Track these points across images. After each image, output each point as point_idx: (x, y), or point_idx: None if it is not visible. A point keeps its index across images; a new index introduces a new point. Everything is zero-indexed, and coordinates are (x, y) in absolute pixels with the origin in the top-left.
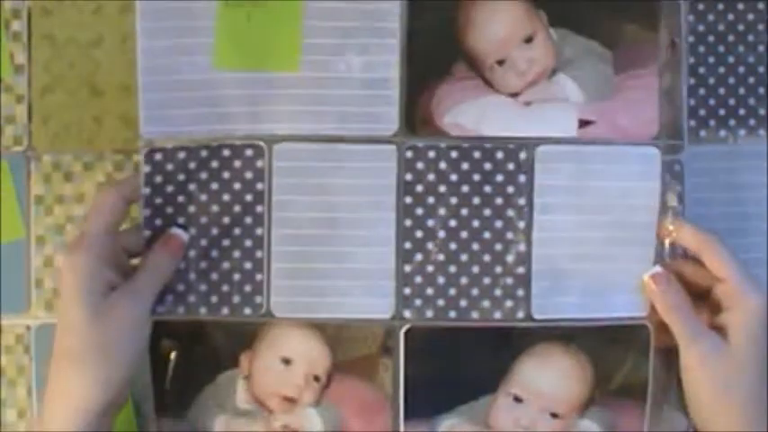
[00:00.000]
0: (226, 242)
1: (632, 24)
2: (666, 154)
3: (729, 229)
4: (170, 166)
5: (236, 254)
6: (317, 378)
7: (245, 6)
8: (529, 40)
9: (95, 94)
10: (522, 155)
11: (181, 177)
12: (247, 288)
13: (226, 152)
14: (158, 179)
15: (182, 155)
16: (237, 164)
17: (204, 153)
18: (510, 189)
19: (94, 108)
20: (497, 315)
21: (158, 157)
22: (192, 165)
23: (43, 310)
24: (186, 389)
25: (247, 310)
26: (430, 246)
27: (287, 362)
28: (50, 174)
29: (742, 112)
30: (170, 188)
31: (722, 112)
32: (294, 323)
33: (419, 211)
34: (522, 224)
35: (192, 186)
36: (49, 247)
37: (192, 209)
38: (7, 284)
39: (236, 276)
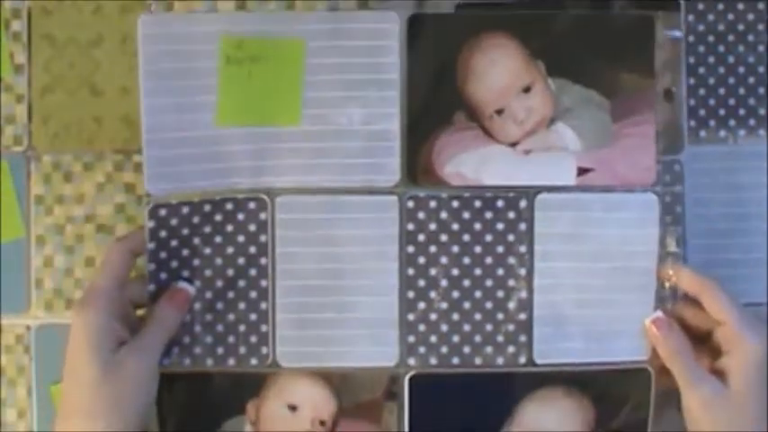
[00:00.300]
0: (231, 294)
1: (629, 73)
2: (666, 155)
3: (729, 229)
4: (174, 221)
5: (242, 306)
6: (322, 423)
7: (246, 65)
8: (527, 89)
9: (95, 94)
10: (522, 203)
11: (185, 231)
12: (253, 339)
13: (229, 206)
14: (163, 234)
15: (185, 210)
16: (241, 217)
17: (208, 207)
18: (511, 237)
19: (94, 108)
20: (500, 361)
21: (162, 212)
22: (196, 219)
23: (43, 310)
24: None
25: (254, 361)
26: (432, 294)
27: (293, 408)
28: (50, 174)
29: (742, 112)
30: (174, 242)
31: (722, 112)
32: (300, 371)
33: (421, 260)
34: (523, 271)
35: (196, 240)
36: (49, 247)
37: (196, 262)
38: (7, 284)
39: (242, 328)
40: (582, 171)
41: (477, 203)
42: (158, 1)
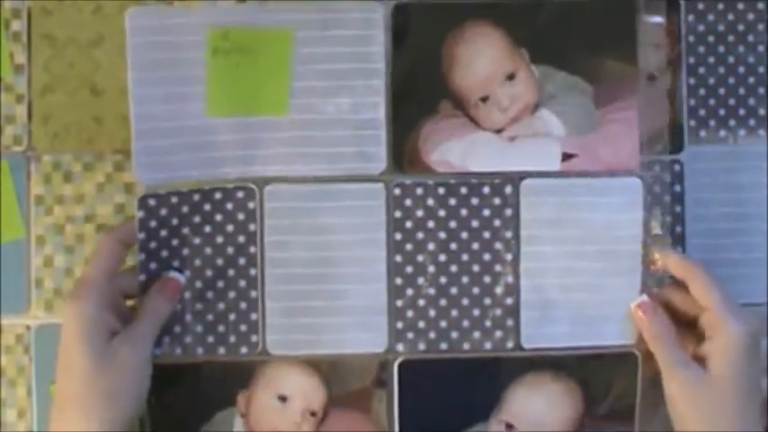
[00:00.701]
0: (220, 283)
1: (612, 60)
2: (666, 155)
3: (729, 229)
4: (163, 211)
5: (231, 294)
6: (313, 413)
7: (234, 55)
8: (511, 77)
9: (95, 94)
10: (508, 189)
11: (174, 221)
12: (243, 328)
13: (218, 195)
14: (152, 224)
15: (174, 199)
16: (230, 206)
17: (197, 197)
18: (497, 222)
19: (94, 108)
20: (488, 346)
21: (152, 202)
22: (186, 209)
23: (43, 310)
24: (183, 428)
25: (244, 349)
26: (420, 280)
27: (283, 399)
28: (50, 174)
29: (742, 112)
30: (164, 232)
31: (722, 112)
32: (289, 361)
33: (409, 246)
34: (509, 256)
35: (185, 230)
36: (48, 247)
37: (186, 252)
38: (7, 284)
39: (232, 317)
40: (566, 157)
41: (464, 190)
42: (158, 1)
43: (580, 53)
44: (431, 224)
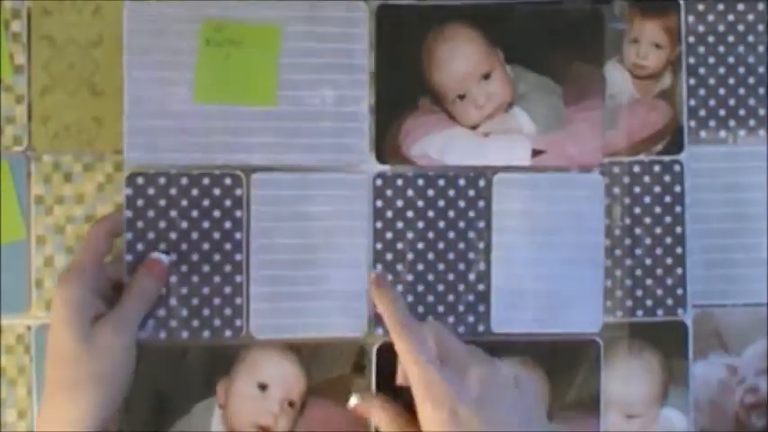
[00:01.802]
0: (206, 268)
1: (580, 61)
2: (666, 155)
3: (729, 229)
4: (151, 191)
5: (217, 279)
6: (291, 404)
7: (225, 47)
8: (487, 76)
9: (95, 94)
10: (481, 182)
11: (162, 203)
12: (228, 312)
13: (205, 180)
14: (140, 203)
15: (162, 180)
16: (217, 192)
17: (184, 180)
18: (471, 213)
19: (94, 108)
20: (461, 330)
21: (140, 180)
22: (173, 191)
23: (43, 311)
24: (161, 420)
25: (228, 333)
26: (399, 267)
27: (263, 387)
28: (50, 174)
29: (742, 112)
30: (151, 213)
31: (722, 112)
32: (271, 348)
33: (389, 235)
34: (481, 245)
35: (172, 213)
36: (49, 247)
37: (173, 235)
38: (7, 284)
39: (217, 301)
40: (536, 153)
41: (441, 182)
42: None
43: (550, 55)
44: (410, 214)
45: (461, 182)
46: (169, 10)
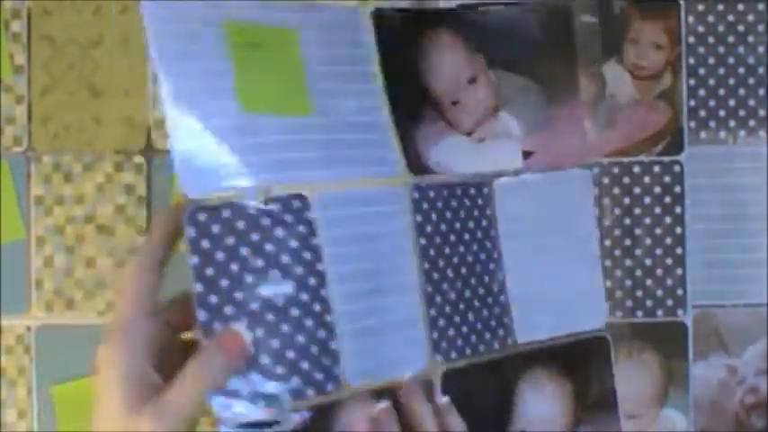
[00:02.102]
0: (294, 312)
1: (555, 60)
2: (666, 155)
3: (729, 229)
4: (216, 228)
5: (309, 323)
6: None
7: (251, 51)
8: (472, 81)
9: (95, 94)
10: (485, 189)
11: (230, 241)
12: (326, 360)
13: (275, 206)
14: (205, 245)
15: (227, 213)
16: (288, 218)
17: (252, 210)
18: (484, 222)
19: (94, 108)
20: (495, 346)
21: (202, 217)
22: (241, 224)
23: (43, 311)
24: None
25: (330, 386)
26: (444, 286)
27: None
28: (50, 174)
29: (742, 113)
30: (220, 255)
31: (722, 113)
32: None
33: (432, 252)
34: (496, 254)
35: (244, 251)
36: (48, 248)
37: (249, 279)
38: (7, 285)
39: (314, 349)
40: (526, 155)
41: (458, 191)
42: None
43: (526, 56)
44: (443, 227)
45: (472, 190)
46: (188, 11)
